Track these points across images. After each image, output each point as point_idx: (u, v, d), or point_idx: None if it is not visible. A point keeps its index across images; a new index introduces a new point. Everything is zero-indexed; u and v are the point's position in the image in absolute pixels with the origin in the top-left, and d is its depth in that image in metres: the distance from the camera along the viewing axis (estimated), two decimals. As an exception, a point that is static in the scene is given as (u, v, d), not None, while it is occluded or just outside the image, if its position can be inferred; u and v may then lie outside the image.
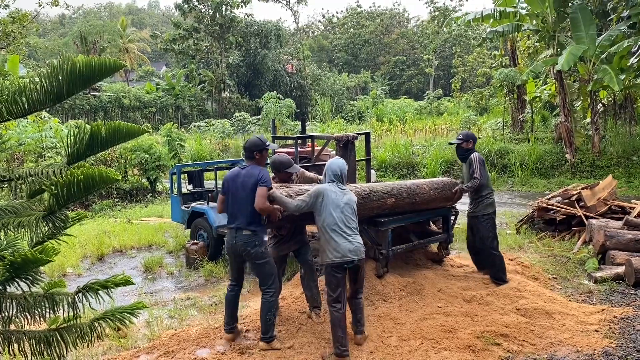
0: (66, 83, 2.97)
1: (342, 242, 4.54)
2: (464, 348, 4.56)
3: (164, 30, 52.42)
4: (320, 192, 4.65)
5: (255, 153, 4.80)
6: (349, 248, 4.53)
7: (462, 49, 43.76)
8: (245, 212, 4.68)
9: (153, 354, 4.77)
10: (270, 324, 4.75)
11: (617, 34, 14.00)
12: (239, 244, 4.73)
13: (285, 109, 25.95)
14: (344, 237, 4.55)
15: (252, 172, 4.69)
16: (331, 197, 4.62)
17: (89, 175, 2.85)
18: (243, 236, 4.70)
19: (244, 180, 4.69)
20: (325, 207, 4.60)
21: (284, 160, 5.27)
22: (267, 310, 4.74)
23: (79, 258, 8.61)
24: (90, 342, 3.38)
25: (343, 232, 4.56)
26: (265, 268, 4.79)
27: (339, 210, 4.60)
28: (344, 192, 4.74)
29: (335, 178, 4.77)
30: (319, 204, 4.61)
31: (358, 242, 4.63)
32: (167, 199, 14.03)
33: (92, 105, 34.21)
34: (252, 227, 4.69)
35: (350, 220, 4.65)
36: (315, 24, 72.78)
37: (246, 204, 4.66)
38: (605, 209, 8.60)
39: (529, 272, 6.79)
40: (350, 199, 4.74)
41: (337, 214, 4.58)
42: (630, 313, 5.40)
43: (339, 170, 4.80)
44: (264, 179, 4.61)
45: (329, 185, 4.73)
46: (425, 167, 16.82)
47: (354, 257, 4.54)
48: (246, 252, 4.73)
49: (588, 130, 15.93)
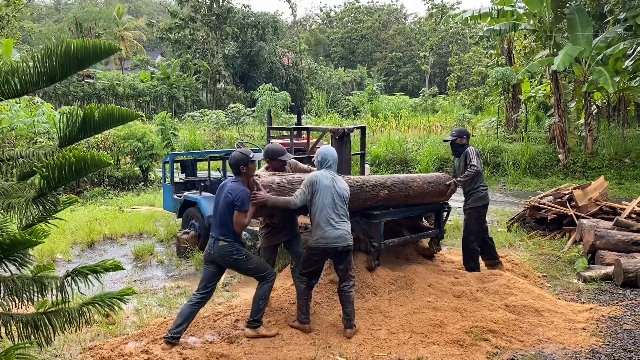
0: (60, 65, 2.95)
1: (328, 228, 4.69)
2: (453, 343, 4.58)
3: (160, 19, 52.09)
4: (314, 179, 4.78)
5: (241, 167, 4.71)
6: (334, 235, 4.68)
7: (458, 47, 43.77)
8: (222, 223, 4.69)
9: (141, 341, 4.76)
10: (260, 309, 4.81)
11: (613, 36, 14.05)
12: (215, 254, 4.73)
13: (280, 102, 25.84)
14: (330, 224, 4.70)
15: (234, 188, 4.64)
16: (324, 183, 4.76)
17: (81, 157, 2.83)
18: (219, 247, 4.69)
19: (226, 194, 4.67)
20: (317, 193, 4.74)
21: (276, 149, 5.31)
22: (261, 296, 4.81)
23: (69, 244, 8.57)
24: (78, 327, 3.37)
25: (331, 218, 4.71)
26: (253, 269, 4.82)
27: (329, 196, 4.74)
28: (335, 179, 4.86)
29: (327, 164, 4.90)
30: (313, 191, 4.74)
31: (344, 229, 4.76)
32: (159, 188, 13.97)
33: (85, 92, 33.94)
34: (227, 238, 4.67)
35: (339, 207, 4.78)
36: (312, 18, 72.57)
37: (224, 216, 4.66)
38: (596, 210, 8.65)
39: (519, 270, 6.82)
40: (341, 186, 4.87)
41: (328, 201, 4.73)
42: (618, 312, 5.44)
43: (330, 157, 4.92)
44: (239, 202, 4.55)
45: (321, 172, 4.86)
46: (419, 164, 16.85)
47: (339, 243, 4.70)
48: (226, 262, 4.74)
49: (581, 131, 16.01)
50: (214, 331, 4.92)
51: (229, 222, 4.64)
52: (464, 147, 6.61)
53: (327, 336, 4.76)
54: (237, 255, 4.69)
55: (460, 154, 6.60)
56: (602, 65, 13.80)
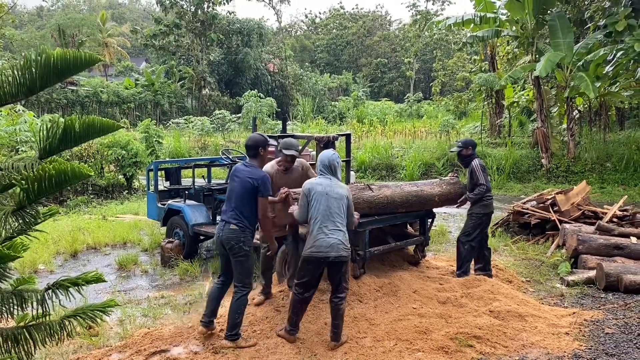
0: (39, 76, 2.92)
1: (320, 237, 4.57)
2: (438, 349, 4.59)
3: (144, 26, 51.79)
4: (306, 189, 4.72)
5: (260, 149, 4.87)
6: (326, 243, 4.55)
7: (442, 53, 44.10)
8: (237, 208, 4.74)
9: (125, 352, 4.71)
10: (237, 322, 4.78)
11: (593, 42, 14.27)
12: (224, 237, 4.75)
13: (266, 108, 25.84)
14: (323, 232, 4.57)
15: (254, 174, 4.74)
16: (317, 190, 4.66)
17: (61, 170, 2.80)
18: (230, 230, 4.73)
19: (245, 179, 4.72)
20: (311, 202, 4.65)
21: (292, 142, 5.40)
22: (236, 309, 4.77)
23: (52, 254, 8.45)
24: (60, 340, 3.32)
25: (324, 226, 4.59)
26: (244, 265, 4.79)
27: (324, 203, 4.62)
28: (332, 185, 4.73)
29: (324, 170, 4.80)
30: (309, 201, 4.66)
31: (338, 238, 4.59)
32: (143, 196, 13.86)
33: (69, 99, 33.61)
34: (240, 222, 4.73)
35: (335, 215, 4.64)
36: (297, 24, 72.72)
37: (242, 201, 4.72)
38: (578, 214, 8.75)
39: (503, 275, 6.88)
40: (339, 192, 4.72)
41: (322, 208, 4.61)
42: (600, 316, 5.50)
43: (327, 162, 4.81)
44: (263, 187, 4.69)
45: (317, 180, 4.79)
46: (404, 169, 16.93)
47: (329, 253, 4.55)
48: (230, 245, 4.75)
49: (564, 136, 16.21)
50: (199, 341, 4.88)
51: (246, 207, 4.72)
52: (471, 157, 6.72)
53: (313, 345, 4.75)
54: (243, 244, 4.74)
55: (468, 164, 6.70)
56: (583, 71, 14.00)
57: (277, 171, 5.42)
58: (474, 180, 6.56)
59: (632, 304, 5.86)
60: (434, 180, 6.84)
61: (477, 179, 6.52)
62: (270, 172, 5.25)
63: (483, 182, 6.50)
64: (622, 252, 7.06)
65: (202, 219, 7.97)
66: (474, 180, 6.54)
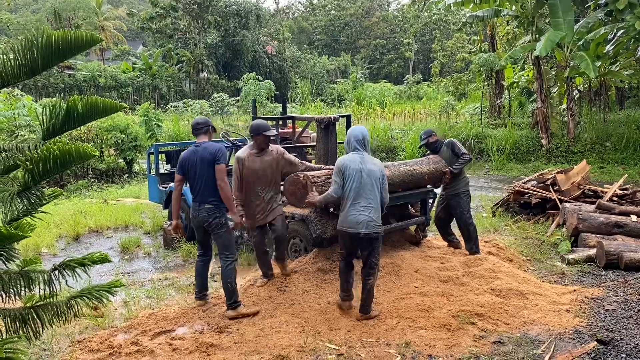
0: (41, 56, 2.91)
1: (351, 212, 4.62)
2: (440, 327, 4.64)
3: (141, 9, 51.29)
4: (342, 166, 4.68)
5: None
6: (356, 220, 4.60)
7: (442, 33, 43.71)
8: (206, 187, 5.01)
9: (131, 332, 4.76)
10: (232, 290, 5.02)
11: (594, 21, 14.17)
12: (201, 217, 5.06)
13: (264, 91, 25.76)
14: (355, 208, 4.61)
15: (206, 147, 5.05)
16: (351, 167, 4.63)
17: (66, 150, 2.81)
18: (205, 209, 5.03)
19: (201, 156, 5.00)
20: (347, 179, 4.63)
21: (260, 124, 5.42)
22: (226, 278, 5.03)
23: (54, 238, 8.50)
24: (66, 321, 3.36)
25: (357, 202, 4.61)
26: (223, 237, 5.12)
27: (357, 180, 4.61)
28: (364, 161, 4.69)
29: (358, 145, 4.74)
30: (344, 178, 4.66)
31: (369, 215, 4.62)
32: (144, 180, 13.88)
33: (66, 83, 33.47)
34: (214, 201, 5.02)
35: (368, 192, 4.63)
36: (295, 5, 72.04)
37: (208, 179, 4.98)
38: (578, 193, 8.78)
39: (504, 254, 6.91)
40: (371, 169, 4.68)
41: (355, 185, 4.61)
42: (601, 293, 5.55)
43: (361, 136, 4.78)
44: (220, 158, 5.00)
45: (349, 156, 4.72)
46: (404, 151, 16.93)
47: (360, 229, 4.60)
48: (207, 223, 5.05)
49: (564, 116, 16.18)
50: (203, 321, 4.93)
51: (213, 184, 4.95)
52: (438, 142, 6.91)
53: (317, 323, 4.80)
54: (220, 218, 5.05)
55: (438, 149, 6.86)
56: (583, 50, 13.92)
57: (250, 154, 5.37)
58: (455, 152, 6.66)
59: (632, 281, 5.90)
60: (422, 159, 6.88)
61: (458, 149, 6.65)
62: (242, 157, 5.34)
63: (466, 151, 6.69)
64: (623, 230, 7.09)
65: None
66: (456, 152, 6.65)
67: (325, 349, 4.36)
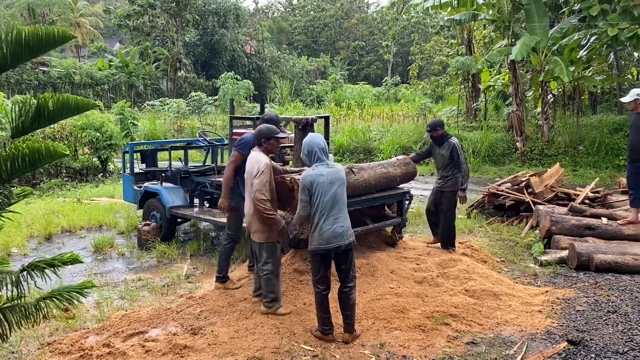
0: (10, 53, 2.85)
1: (326, 227, 4.33)
2: (414, 328, 4.67)
3: (118, 6, 50.61)
4: (308, 182, 4.36)
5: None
6: (334, 233, 4.34)
7: (420, 36, 44.08)
8: None
9: (103, 334, 4.68)
10: (222, 265, 5.74)
11: (568, 27, 14.43)
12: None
13: (243, 91, 25.64)
14: (329, 222, 4.33)
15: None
16: (319, 181, 4.34)
17: (35, 149, 2.75)
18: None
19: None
20: (314, 195, 4.34)
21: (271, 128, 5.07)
22: (221, 254, 5.82)
23: (25, 238, 8.31)
24: (35, 322, 3.28)
25: (331, 215, 4.34)
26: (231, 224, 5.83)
27: (328, 194, 4.35)
28: (331, 171, 4.42)
29: (321, 154, 4.44)
30: (311, 194, 4.35)
31: (344, 224, 4.40)
32: (118, 179, 13.68)
33: (40, 80, 32.84)
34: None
35: (339, 202, 4.40)
36: (275, 5, 71.87)
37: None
38: (551, 196, 8.92)
39: (478, 255, 6.99)
40: (339, 176, 4.45)
41: (326, 199, 4.34)
42: (572, 294, 5.65)
43: (322, 144, 4.48)
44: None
45: (314, 171, 4.39)
46: (382, 153, 17.01)
47: (340, 242, 4.36)
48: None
49: (538, 119, 16.44)
50: (177, 323, 4.88)
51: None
52: (445, 135, 7.04)
53: (292, 325, 4.79)
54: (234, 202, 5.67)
55: (443, 142, 6.99)
56: (557, 55, 14.17)
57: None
58: (453, 158, 6.88)
59: (602, 282, 6.02)
60: (392, 161, 7.08)
61: (457, 157, 6.86)
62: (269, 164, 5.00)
63: (464, 161, 6.92)
64: (594, 233, 7.23)
65: (179, 202, 7.90)
66: (454, 158, 6.88)
67: (300, 351, 4.35)
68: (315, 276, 4.50)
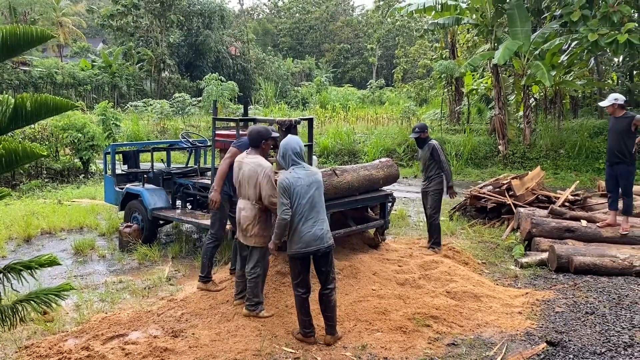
0: (-13, 52, 2.81)
1: (305, 230, 4.32)
2: (396, 329, 4.69)
3: (101, 5, 50.07)
4: (286, 185, 4.33)
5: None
6: (314, 236, 4.32)
7: (404, 40, 44.39)
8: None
9: (82, 337, 4.63)
10: (205, 264, 5.73)
11: (550, 32, 14.63)
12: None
13: (227, 92, 25.51)
14: (309, 226, 4.32)
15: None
16: (297, 184, 4.33)
17: (12, 149, 2.72)
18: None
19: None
20: (292, 197, 4.33)
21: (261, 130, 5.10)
22: (203, 253, 5.82)
23: (4, 239, 8.18)
24: (12, 326, 3.25)
25: (310, 218, 4.33)
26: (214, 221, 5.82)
27: (306, 196, 4.33)
28: (308, 174, 4.41)
29: (297, 157, 4.41)
30: (290, 197, 4.33)
31: (323, 227, 4.39)
32: (100, 181, 13.53)
33: (21, 80, 32.33)
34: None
35: (317, 205, 4.38)
36: (260, 7, 71.67)
37: None
38: (532, 198, 9.02)
39: (459, 257, 7.05)
40: (316, 179, 4.44)
41: (304, 202, 4.33)
42: (551, 296, 5.72)
43: (299, 148, 4.45)
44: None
45: (292, 174, 4.37)
46: (366, 155, 17.07)
47: (321, 245, 4.35)
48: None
49: (520, 123, 16.63)
50: (158, 325, 4.85)
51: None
52: (427, 138, 7.41)
53: (274, 327, 4.78)
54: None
55: (423, 145, 7.34)
56: (539, 59, 14.36)
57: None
58: (434, 158, 7.20)
59: (581, 284, 6.11)
60: (375, 163, 7.17)
61: (438, 157, 7.20)
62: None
63: (444, 160, 7.25)
64: (573, 235, 7.32)
65: (161, 203, 7.85)
66: (435, 158, 7.19)
67: (282, 353, 4.35)
68: (295, 280, 4.51)
